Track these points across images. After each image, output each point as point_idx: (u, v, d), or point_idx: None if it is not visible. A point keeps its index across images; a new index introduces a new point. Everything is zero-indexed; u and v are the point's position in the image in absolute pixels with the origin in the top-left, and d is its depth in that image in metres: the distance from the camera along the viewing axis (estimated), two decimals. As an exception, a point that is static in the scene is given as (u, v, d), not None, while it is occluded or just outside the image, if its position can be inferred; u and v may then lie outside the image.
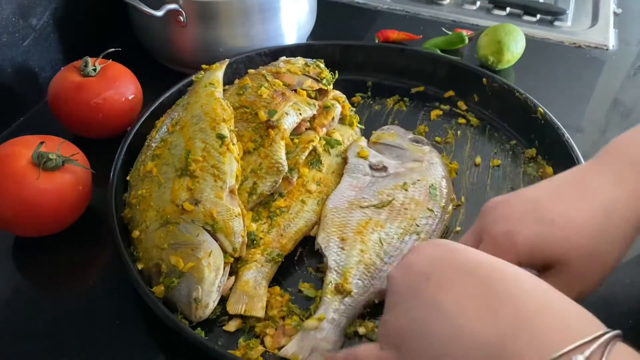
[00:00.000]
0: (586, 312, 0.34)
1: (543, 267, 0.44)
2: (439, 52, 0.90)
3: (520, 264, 0.43)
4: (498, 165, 0.73)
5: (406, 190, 0.64)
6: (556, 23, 1.03)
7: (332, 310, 0.55)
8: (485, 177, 0.71)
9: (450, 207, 0.66)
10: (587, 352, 0.31)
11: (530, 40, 0.91)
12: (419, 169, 0.67)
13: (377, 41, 0.95)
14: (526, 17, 1.05)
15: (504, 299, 0.34)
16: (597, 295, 0.59)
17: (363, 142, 0.72)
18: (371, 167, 0.68)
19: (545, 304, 0.34)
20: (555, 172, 0.69)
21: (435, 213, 0.63)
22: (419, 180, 0.66)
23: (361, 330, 0.55)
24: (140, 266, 0.57)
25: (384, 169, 0.68)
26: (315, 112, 0.69)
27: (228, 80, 0.74)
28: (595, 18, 1.05)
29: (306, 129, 0.69)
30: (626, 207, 0.44)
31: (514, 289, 0.35)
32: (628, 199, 0.44)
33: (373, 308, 0.57)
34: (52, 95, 0.73)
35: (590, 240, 0.43)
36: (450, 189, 0.68)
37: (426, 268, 0.39)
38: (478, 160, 0.73)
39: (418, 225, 0.62)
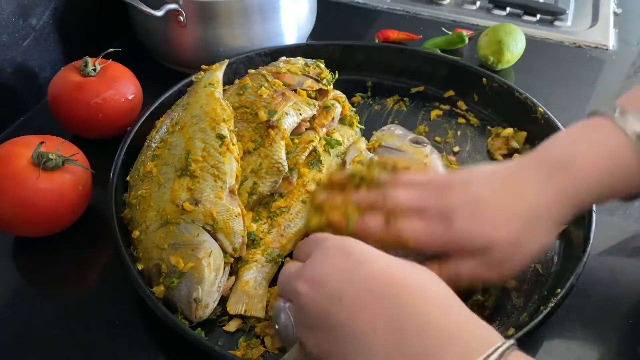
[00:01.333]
0: (488, 327, 0.38)
1: (471, 251, 0.49)
2: (439, 52, 0.90)
3: (449, 248, 0.49)
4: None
5: None
6: (556, 23, 1.03)
7: None
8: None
9: None
10: None
11: (530, 40, 0.91)
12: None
13: (377, 41, 0.95)
14: (526, 17, 1.05)
15: (412, 325, 0.37)
16: (598, 295, 0.59)
17: (362, 143, 0.72)
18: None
19: (445, 325, 0.37)
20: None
21: None
22: None
23: None
24: (140, 266, 0.57)
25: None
26: (315, 112, 0.69)
27: (228, 81, 0.74)
28: (595, 18, 1.05)
29: (306, 129, 0.69)
30: (550, 206, 0.49)
31: (420, 314, 0.37)
32: (553, 199, 0.49)
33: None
34: (52, 95, 0.73)
35: (514, 233, 0.48)
36: None
37: (337, 287, 0.40)
38: (478, 159, 0.73)
39: None
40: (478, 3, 1.09)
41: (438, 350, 0.35)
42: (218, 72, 0.71)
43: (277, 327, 0.45)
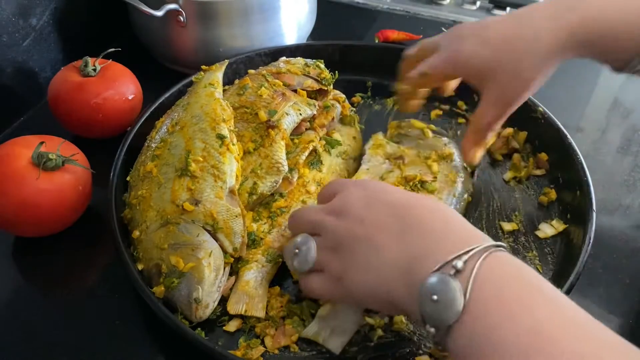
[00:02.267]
0: (480, 232, 0.44)
1: (479, 85, 0.59)
2: (439, 52, 0.89)
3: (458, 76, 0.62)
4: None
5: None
6: (556, 23, 1.03)
7: None
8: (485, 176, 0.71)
9: (466, 196, 0.66)
10: (465, 257, 0.39)
11: (530, 40, 0.91)
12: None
13: (377, 41, 0.95)
14: (526, 17, 1.05)
15: (415, 233, 0.44)
16: (597, 295, 0.59)
17: (381, 134, 0.73)
18: (388, 157, 0.69)
19: (443, 231, 0.43)
20: (553, 171, 0.70)
21: (451, 202, 0.64)
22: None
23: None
24: (140, 266, 0.57)
25: (401, 158, 0.68)
26: (315, 112, 0.69)
27: (228, 81, 0.74)
28: (595, 18, 1.05)
29: (306, 129, 0.69)
30: (552, 36, 0.54)
31: (424, 225, 0.44)
32: (557, 29, 0.54)
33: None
34: (52, 95, 0.73)
35: (515, 60, 0.55)
36: (468, 179, 0.68)
37: (359, 213, 0.48)
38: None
39: None
40: (478, 3, 1.09)
41: (434, 247, 0.42)
42: (218, 72, 0.71)
43: (297, 251, 0.51)
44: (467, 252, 0.40)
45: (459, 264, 0.39)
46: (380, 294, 0.45)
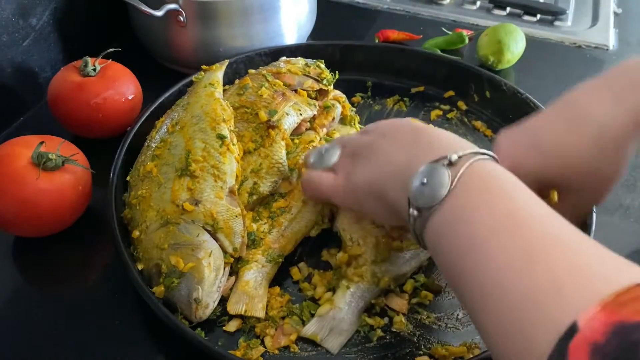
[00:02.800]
0: (483, 149, 0.44)
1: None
2: (439, 52, 0.90)
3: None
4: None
5: None
6: (556, 23, 1.03)
7: (349, 294, 0.56)
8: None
9: None
10: (461, 153, 0.42)
11: (530, 40, 0.91)
12: None
13: (377, 41, 0.94)
14: (526, 17, 1.05)
15: (424, 140, 0.48)
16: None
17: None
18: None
19: (450, 141, 0.47)
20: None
21: None
22: None
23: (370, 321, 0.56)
24: (140, 266, 0.56)
25: None
26: (315, 113, 0.69)
27: (228, 81, 0.74)
28: (595, 18, 1.05)
29: (306, 129, 0.69)
30: (622, 123, 0.48)
31: (431, 136, 0.48)
32: (624, 115, 0.48)
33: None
34: (52, 95, 0.73)
35: (587, 162, 0.49)
36: None
37: (384, 129, 0.53)
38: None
39: None
40: (478, 3, 1.09)
41: (435, 146, 0.46)
42: (218, 72, 0.71)
43: (323, 152, 0.58)
44: (464, 151, 0.43)
45: (454, 157, 0.42)
46: (376, 188, 0.50)
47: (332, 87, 0.74)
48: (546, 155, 0.50)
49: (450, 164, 0.42)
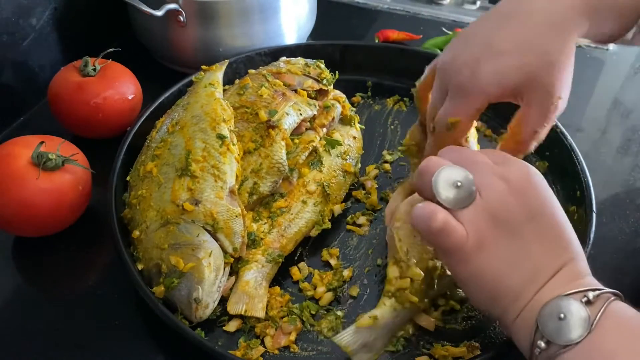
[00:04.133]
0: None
1: (516, 97, 0.51)
2: (439, 52, 0.89)
3: (491, 102, 0.51)
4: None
5: None
6: (556, 23, 1.03)
7: (393, 315, 0.53)
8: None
9: None
10: (598, 292, 0.41)
11: (530, 40, 0.91)
12: None
13: (377, 41, 0.94)
14: (526, 17, 1.05)
15: (549, 236, 0.45)
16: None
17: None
18: None
19: (570, 250, 0.45)
20: (553, 171, 0.70)
21: None
22: None
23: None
24: (140, 266, 0.57)
25: None
26: (315, 112, 0.69)
27: (228, 80, 0.74)
28: (595, 18, 1.05)
29: (306, 129, 0.69)
30: (564, 16, 0.49)
31: (558, 232, 0.45)
32: (565, 10, 0.50)
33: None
34: (52, 95, 0.73)
35: (545, 54, 0.49)
36: None
37: (533, 208, 0.44)
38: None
39: None
40: (478, 3, 1.09)
41: (564, 263, 0.44)
42: (218, 72, 0.71)
43: (459, 184, 0.44)
44: (599, 289, 0.41)
45: (591, 295, 0.41)
46: (498, 282, 0.44)
47: (332, 87, 0.74)
48: (504, 54, 0.50)
49: (589, 301, 0.41)
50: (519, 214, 0.44)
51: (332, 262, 0.62)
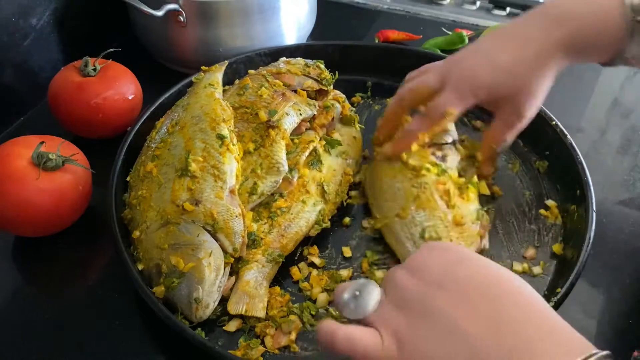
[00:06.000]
0: (580, 335, 0.37)
1: (495, 107, 0.63)
2: (439, 52, 0.89)
3: (477, 103, 0.62)
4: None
5: None
6: (556, 23, 1.03)
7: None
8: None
9: None
10: None
11: (530, 40, 0.91)
12: None
13: (377, 41, 0.95)
14: (526, 17, 1.05)
15: (510, 323, 0.37)
16: (598, 295, 0.59)
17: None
18: None
19: (543, 329, 0.37)
20: (553, 171, 0.70)
21: None
22: None
23: None
24: (140, 266, 0.57)
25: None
26: (315, 113, 0.69)
27: (228, 81, 0.74)
28: (595, 18, 1.05)
29: (306, 129, 0.69)
30: (549, 54, 0.59)
31: (519, 315, 0.38)
32: (551, 45, 0.58)
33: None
34: (52, 95, 0.73)
35: (530, 79, 0.59)
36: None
37: (437, 277, 0.41)
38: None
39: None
40: (478, 3, 1.09)
41: (532, 345, 0.36)
42: (218, 72, 0.71)
43: (357, 293, 0.42)
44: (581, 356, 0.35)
45: None
46: None
47: (331, 87, 0.74)
48: (499, 70, 0.59)
49: None
50: (423, 292, 0.40)
51: (332, 262, 0.62)
